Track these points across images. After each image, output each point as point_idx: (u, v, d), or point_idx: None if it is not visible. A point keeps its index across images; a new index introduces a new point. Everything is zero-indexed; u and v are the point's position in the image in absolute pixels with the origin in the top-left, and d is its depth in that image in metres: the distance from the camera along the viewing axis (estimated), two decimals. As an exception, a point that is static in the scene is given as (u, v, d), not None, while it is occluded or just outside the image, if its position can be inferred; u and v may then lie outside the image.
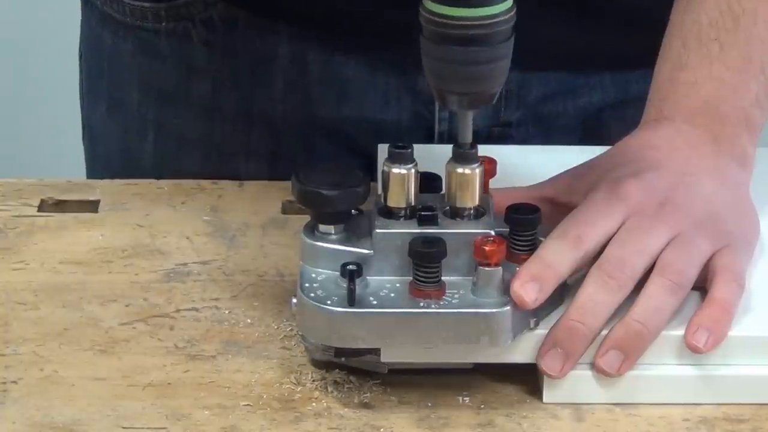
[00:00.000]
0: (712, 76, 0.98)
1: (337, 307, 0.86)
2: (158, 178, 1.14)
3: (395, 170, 0.90)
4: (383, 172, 0.90)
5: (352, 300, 0.86)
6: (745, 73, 0.98)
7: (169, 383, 0.90)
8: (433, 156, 0.92)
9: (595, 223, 0.90)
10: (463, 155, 0.90)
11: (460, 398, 0.89)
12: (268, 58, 1.16)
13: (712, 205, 0.93)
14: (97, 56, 1.26)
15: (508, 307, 0.86)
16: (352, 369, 0.90)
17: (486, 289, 0.87)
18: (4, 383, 0.89)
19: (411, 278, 0.88)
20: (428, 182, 0.92)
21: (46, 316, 0.96)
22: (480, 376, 0.90)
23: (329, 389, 0.89)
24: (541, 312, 0.89)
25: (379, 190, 0.91)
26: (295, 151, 1.19)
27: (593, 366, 0.88)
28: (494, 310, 0.86)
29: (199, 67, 1.18)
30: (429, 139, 1.16)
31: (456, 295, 0.88)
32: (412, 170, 0.90)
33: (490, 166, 0.91)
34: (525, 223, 0.90)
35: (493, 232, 0.89)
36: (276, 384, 0.90)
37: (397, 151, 0.90)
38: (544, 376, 0.88)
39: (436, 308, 0.87)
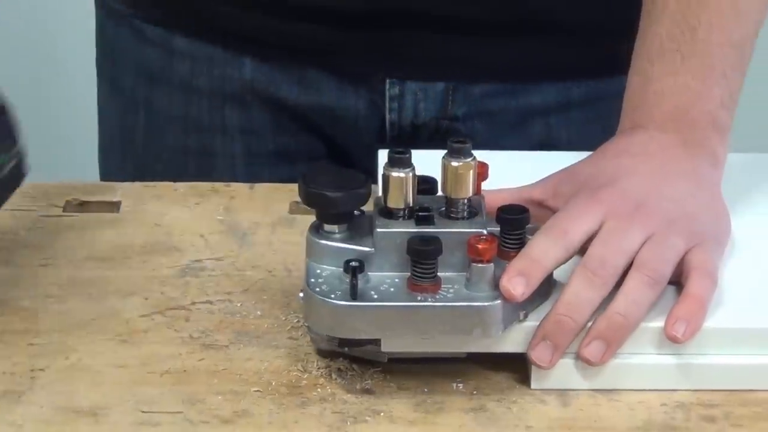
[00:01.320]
0: (678, 85, 0.98)
1: (341, 300, 0.87)
2: (149, 151, 1.17)
3: (394, 174, 0.90)
4: (383, 175, 0.90)
5: (354, 294, 0.87)
6: (708, 80, 0.98)
7: (184, 370, 0.90)
8: (430, 160, 0.92)
9: (577, 224, 0.90)
10: (457, 150, 0.90)
11: (454, 385, 0.89)
12: (237, 46, 1.18)
13: (685, 206, 0.94)
14: (102, 43, 1.27)
15: (499, 301, 0.86)
16: (354, 358, 0.90)
17: (478, 284, 0.87)
18: (33, 370, 0.89)
19: (409, 274, 0.88)
20: (425, 185, 0.92)
21: (71, 309, 0.96)
22: (473, 365, 0.90)
23: (333, 376, 0.89)
24: (529, 305, 0.89)
25: (380, 192, 0.91)
26: (263, 128, 1.21)
27: (578, 355, 0.88)
28: (486, 304, 0.86)
29: (178, 51, 1.19)
30: (381, 124, 1.19)
31: (451, 290, 0.88)
32: (410, 174, 0.90)
33: (482, 170, 0.91)
34: (514, 222, 0.90)
35: (485, 231, 0.89)
36: (284, 371, 0.90)
37: (396, 156, 0.90)
38: (533, 365, 0.88)
39: (432, 302, 0.87)
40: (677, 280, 0.91)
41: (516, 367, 0.90)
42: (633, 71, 1.01)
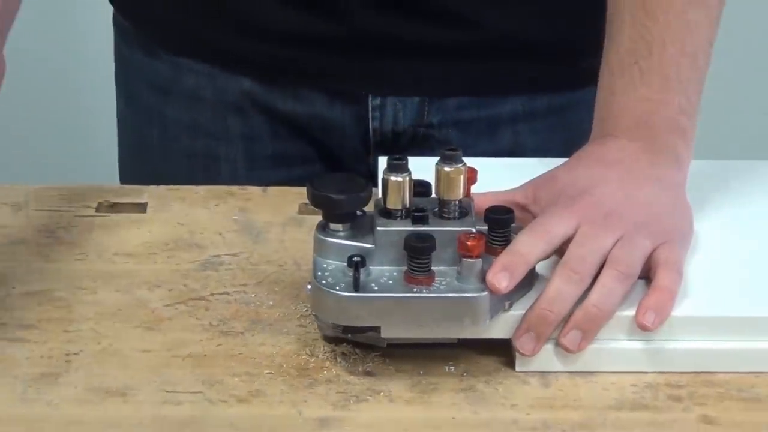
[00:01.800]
0: (639, 96, 0.98)
1: (345, 292, 0.86)
2: (163, 156, 1.16)
3: (393, 178, 0.90)
4: (383, 179, 0.90)
5: (356, 286, 0.86)
6: (666, 89, 0.98)
7: (204, 355, 0.90)
8: (425, 166, 0.92)
9: (556, 228, 0.90)
10: (450, 156, 0.90)
11: (447, 367, 0.89)
12: (235, 67, 1.18)
13: (652, 208, 0.94)
14: (119, 60, 1.27)
15: (487, 293, 0.86)
16: (356, 343, 0.90)
17: (468, 278, 0.87)
18: (68, 354, 0.89)
19: (406, 268, 0.88)
20: (420, 188, 0.92)
21: (102, 299, 0.96)
22: (463, 349, 0.90)
23: (338, 360, 0.89)
24: (513, 296, 0.89)
25: (379, 195, 0.91)
26: (262, 134, 1.21)
27: (557, 343, 0.88)
28: (475, 295, 0.86)
29: (185, 67, 1.19)
30: (365, 131, 1.19)
31: (443, 282, 0.87)
32: (407, 178, 0.90)
33: (471, 175, 0.91)
34: (500, 222, 0.90)
35: (474, 230, 0.89)
36: (294, 355, 0.90)
37: (394, 162, 0.90)
38: (517, 352, 0.88)
39: (426, 293, 0.87)
40: (646, 275, 0.91)
41: (502, 352, 0.89)
42: (600, 86, 1.00)
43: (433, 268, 0.87)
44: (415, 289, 0.87)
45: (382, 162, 0.92)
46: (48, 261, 1.01)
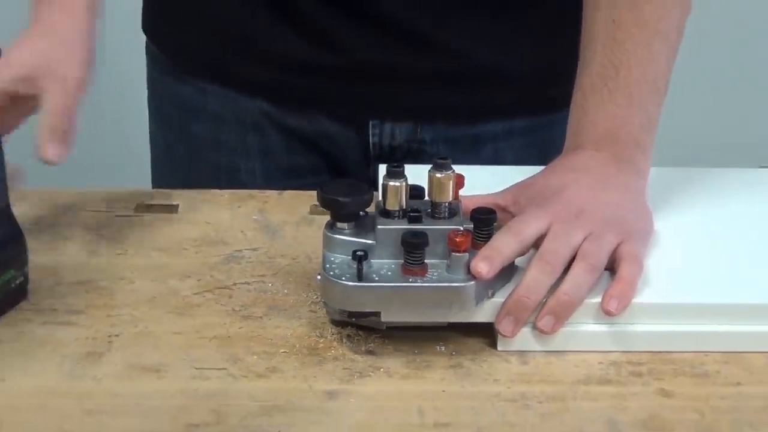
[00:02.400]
0: (607, 114, 0.98)
1: (350, 281, 0.86)
2: (189, 168, 1.16)
3: (391, 183, 0.90)
4: (383, 184, 0.90)
5: (360, 276, 0.86)
6: (630, 109, 0.98)
7: (228, 336, 0.90)
8: (419, 173, 0.92)
9: (530, 226, 0.90)
10: (441, 165, 0.90)
11: (438, 347, 0.89)
12: (253, 93, 1.18)
13: (617, 210, 0.94)
14: (151, 83, 1.27)
15: (473, 282, 0.86)
16: (360, 326, 0.90)
17: (457, 269, 0.87)
18: (110, 336, 0.89)
19: (402, 261, 0.88)
20: (415, 192, 0.92)
21: (139, 288, 0.96)
22: (452, 331, 0.90)
23: (344, 340, 0.89)
24: (495, 285, 0.89)
25: (380, 198, 0.91)
26: (277, 149, 1.20)
27: (534, 326, 0.88)
28: (462, 284, 0.86)
29: (209, 91, 1.19)
30: (366, 146, 1.18)
31: (435, 273, 0.87)
32: (404, 183, 0.90)
33: (459, 180, 0.91)
34: (484, 221, 0.90)
35: (461, 228, 0.89)
36: (305, 337, 0.90)
37: (393, 169, 0.90)
38: (499, 334, 0.88)
39: (420, 283, 0.87)
40: (611, 267, 0.90)
41: (486, 333, 0.89)
42: (573, 104, 1.00)
43: (426, 261, 0.87)
44: (410, 279, 0.87)
45: (382, 169, 0.92)
46: (92, 255, 1.01)
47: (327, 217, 0.91)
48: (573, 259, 0.89)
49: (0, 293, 0.90)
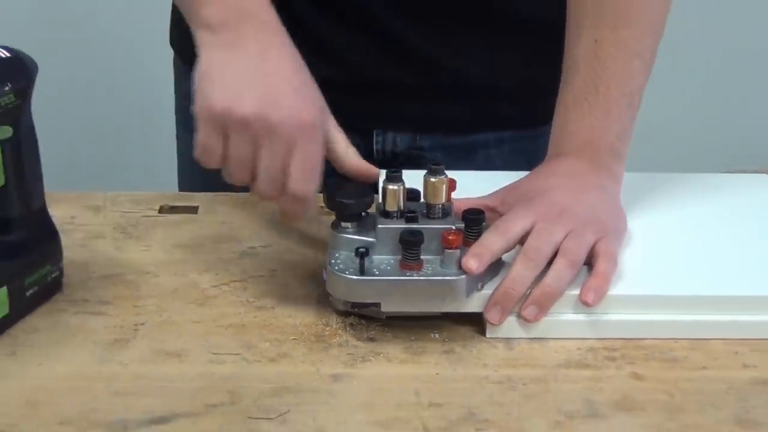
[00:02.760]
0: (586, 125, 0.98)
1: (353, 275, 0.87)
2: (212, 174, 1.14)
3: (390, 187, 0.90)
4: (382, 188, 0.91)
5: (362, 271, 0.87)
6: (607, 121, 0.98)
7: (243, 324, 0.90)
8: (415, 178, 0.92)
9: (516, 224, 0.90)
10: (434, 170, 0.90)
11: (432, 335, 0.89)
12: None
13: (594, 211, 0.94)
14: (178, 93, 1.26)
15: (464, 276, 0.87)
16: (362, 315, 0.90)
17: (449, 265, 0.87)
18: (136, 324, 0.89)
19: (400, 257, 0.88)
20: (412, 194, 0.92)
21: (163, 281, 0.96)
22: (445, 320, 0.90)
23: (347, 329, 0.89)
24: (484, 279, 0.89)
25: (380, 200, 0.91)
26: None
27: (519, 315, 0.88)
28: (454, 278, 0.87)
29: None
30: (370, 152, 1.16)
31: (430, 268, 0.88)
32: (401, 187, 0.90)
33: (452, 184, 0.92)
34: (474, 221, 0.90)
35: (453, 227, 0.89)
36: (313, 325, 0.90)
37: (391, 174, 0.91)
38: (487, 322, 0.88)
39: (416, 276, 0.87)
40: (589, 262, 0.91)
41: (476, 322, 0.90)
42: (556, 115, 1.00)
43: (421, 257, 0.87)
44: (407, 273, 0.87)
45: (382, 174, 0.92)
46: (120, 251, 1.01)
47: (332, 218, 0.92)
48: (555, 254, 0.89)
49: (37, 286, 0.90)
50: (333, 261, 0.88)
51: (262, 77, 0.88)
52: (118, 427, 0.77)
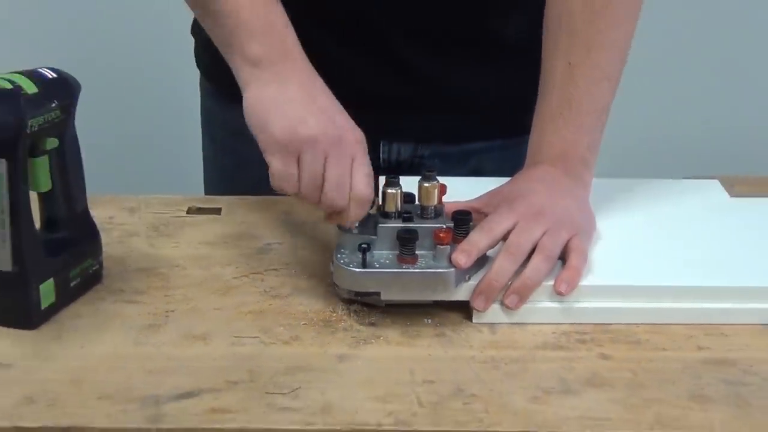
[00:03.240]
0: (560, 137, 0.98)
1: (356, 268, 0.87)
2: (235, 180, 1.13)
3: (389, 191, 0.90)
4: (382, 191, 0.91)
5: (364, 264, 0.87)
6: (579, 134, 0.98)
7: (260, 311, 0.90)
8: (411, 183, 0.92)
9: (499, 224, 0.90)
10: (427, 176, 0.91)
11: (426, 320, 0.89)
12: None
13: (568, 212, 0.94)
14: (203, 108, 1.25)
15: (453, 269, 0.87)
16: (364, 303, 0.90)
17: (441, 259, 0.87)
18: (166, 311, 0.89)
19: (398, 252, 0.88)
20: (408, 197, 0.92)
21: (190, 274, 0.96)
22: (437, 308, 0.90)
23: (351, 315, 0.89)
24: (471, 271, 0.89)
25: (380, 202, 0.91)
26: None
27: (501, 303, 0.88)
28: (445, 270, 0.87)
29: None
30: (376, 161, 1.14)
31: (423, 262, 0.88)
32: (399, 191, 0.91)
33: (443, 189, 0.92)
34: (463, 221, 0.90)
35: (444, 226, 0.89)
36: (321, 312, 0.90)
37: (390, 180, 0.91)
38: (473, 309, 0.88)
39: (412, 269, 0.87)
40: (563, 257, 0.91)
41: (464, 309, 0.90)
42: (533, 128, 1.00)
43: (416, 252, 0.88)
44: (404, 266, 0.87)
45: (382, 180, 0.92)
46: (153, 247, 1.01)
47: (338, 218, 0.92)
48: (533, 250, 0.89)
49: (80, 278, 0.90)
50: (339, 256, 0.88)
51: (313, 103, 0.89)
52: (151, 402, 0.77)
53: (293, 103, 0.88)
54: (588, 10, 0.97)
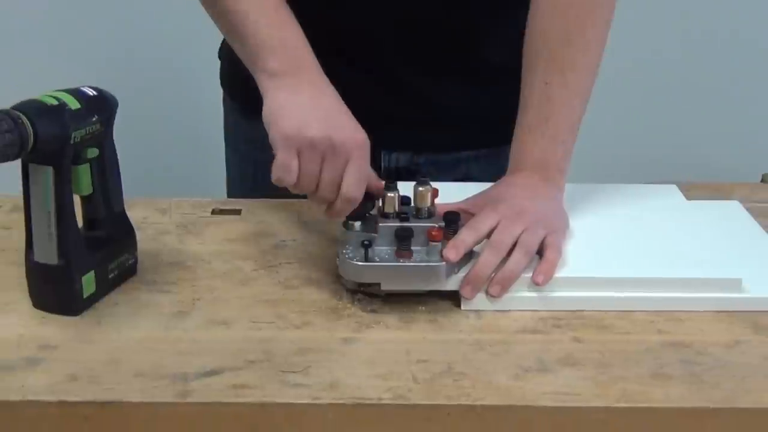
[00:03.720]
0: (539, 148, 0.97)
1: (360, 262, 0.87)
2: (255, 187, 1.13)
3: (388, 194, 0.91)
4: (382, 195, 0.90)
5: (366, 258, 0.87)
6: (555, 145, 0.97)
7: (275, 300, 0.89)
8: (407, 187, 0.92)
9: (484, 223, 0.90)
10: (422, 182, 0.91)
11: (420, 308, 0.89)
12: None
13: (545, 211, 0.93)
14: (226, 121, 1.24)
15: (444, 263, 0.86)
16: (366, 293, 0.90)
17: (433, 254, 0.87)
18: (193, 300, 0.89)
19: (396, 248, 0.88)
20: (404, 200, 0.92)
21: (213, 267, 0.96)
22: (430, 296, 0.90)
23: (355, 303, 0.89)
24: (460, 265, 0.89)
25: (380, 204, 0.91)
26: None
27: (486, 292, 0.88)
28: (437, 264, 0.87)
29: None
30: (378, 168, 1.13)
31: (418, 257, 0.88)
32: (396, 194, 0.91)
33: (435, 193, 0.92)
34: (452, 221, 0.90)
35: (436, 226, 0.89)
36: (329, 300, 0.90)
37: (388, 185, 0.90)
38: (462, 298, 0.88)
39: (408, 263, 0.87)
40: (540, 252, 0.90)
41: (453, 298, 0.89)
42: (514, 139, 1.00)
43: (412, 248, 0.87)
44: (401, 260, 0.87)
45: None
46: (182, 244, 1.01)
47: (343, 218, 0.91)
48: (514, 245, 0.89)
49: (117, 270, 0.90)
50: (344, 251, 0.88)
51: (320, 109, 0.89)
52: (180, 379, 0.77)
53: (302, 108, 0.89)
54: (563, 37, 0.97)
